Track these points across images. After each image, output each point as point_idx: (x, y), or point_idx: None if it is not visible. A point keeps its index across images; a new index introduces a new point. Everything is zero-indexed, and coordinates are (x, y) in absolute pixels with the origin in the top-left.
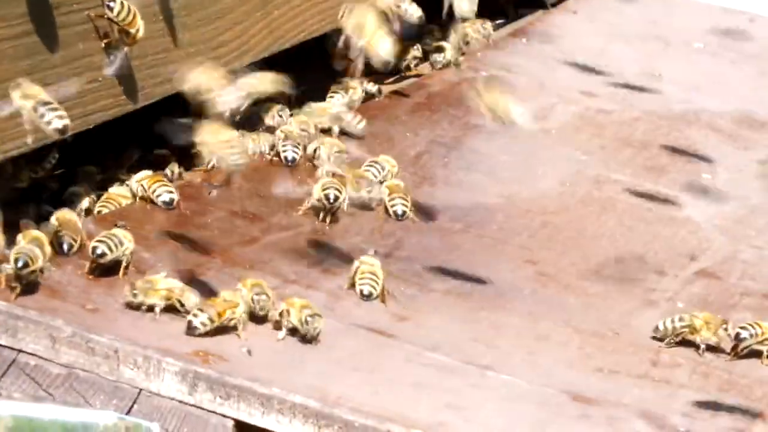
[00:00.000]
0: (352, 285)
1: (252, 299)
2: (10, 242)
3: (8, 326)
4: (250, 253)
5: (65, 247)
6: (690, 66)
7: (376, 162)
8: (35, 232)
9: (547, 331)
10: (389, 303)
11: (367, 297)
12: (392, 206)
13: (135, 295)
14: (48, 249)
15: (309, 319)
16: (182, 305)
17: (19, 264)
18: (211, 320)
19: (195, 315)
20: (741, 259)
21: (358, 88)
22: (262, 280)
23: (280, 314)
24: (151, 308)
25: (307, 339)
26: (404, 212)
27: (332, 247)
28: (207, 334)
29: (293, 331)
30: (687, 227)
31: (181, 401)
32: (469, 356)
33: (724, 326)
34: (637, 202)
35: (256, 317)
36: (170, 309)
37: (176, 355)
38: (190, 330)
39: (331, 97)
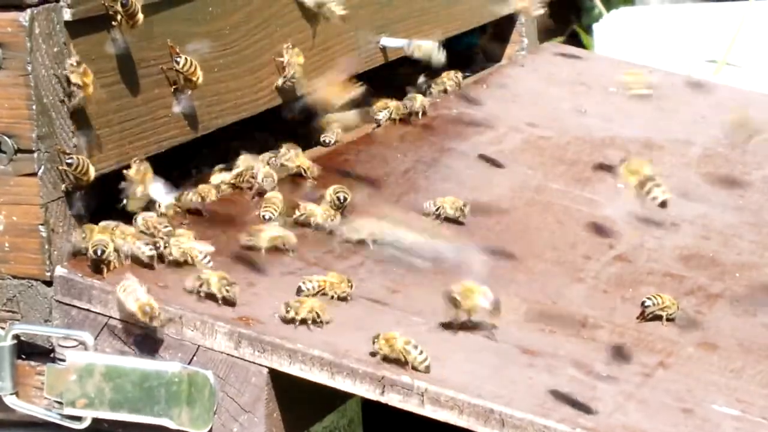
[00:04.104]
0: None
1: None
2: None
3: (101, 298)
4: None
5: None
6: (606, 104)
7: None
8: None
9: (503, 300)
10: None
11: (268, 220)
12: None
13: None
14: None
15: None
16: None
17: (98, 252)
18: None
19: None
20: (646, 247)
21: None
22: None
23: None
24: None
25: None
26: (345, 198)
27: (343, 238)
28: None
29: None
30: (606, 223)
31: (229, 354)
32: (444, 318)
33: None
34: (569, 204)
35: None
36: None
37: (225, 320)
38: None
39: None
